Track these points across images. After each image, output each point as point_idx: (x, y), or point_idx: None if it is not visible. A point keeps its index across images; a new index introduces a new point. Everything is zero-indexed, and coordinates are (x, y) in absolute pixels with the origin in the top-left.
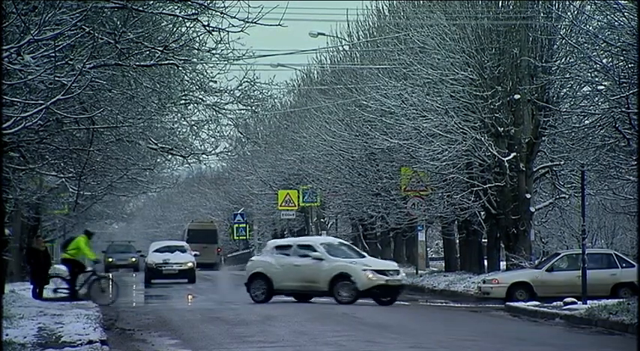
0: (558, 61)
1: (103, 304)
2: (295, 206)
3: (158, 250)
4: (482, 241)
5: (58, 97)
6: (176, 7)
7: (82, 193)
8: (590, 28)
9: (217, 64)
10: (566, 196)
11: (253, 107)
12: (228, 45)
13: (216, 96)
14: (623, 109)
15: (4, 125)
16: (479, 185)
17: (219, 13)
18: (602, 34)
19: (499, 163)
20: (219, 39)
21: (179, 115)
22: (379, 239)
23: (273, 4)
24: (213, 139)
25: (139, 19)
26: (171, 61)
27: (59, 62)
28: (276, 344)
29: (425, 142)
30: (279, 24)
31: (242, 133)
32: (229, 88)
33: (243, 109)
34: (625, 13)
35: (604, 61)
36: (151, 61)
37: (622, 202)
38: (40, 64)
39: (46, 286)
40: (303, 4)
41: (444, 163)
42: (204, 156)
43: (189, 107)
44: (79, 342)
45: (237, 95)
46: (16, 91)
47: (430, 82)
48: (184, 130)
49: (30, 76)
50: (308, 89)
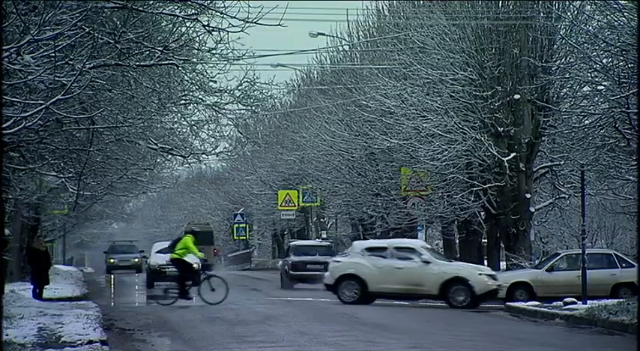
0: (558, 61)
1: (212, 304)
2: (295, 206)
3: (161, 251)
4: (482, 241)
5: (58, 97)
6: (176, 7)
7: (82, 193)
8: (590, 28)
9: (217, 64)
10: (566, 196)
11: (253, 107)
12: (228, 45)
13: (216, 96)
14: (623, 109)
15: (4, 125)
16: (479, 185)
17: (219, 13)
18: (602, 34)
19: (499, 163)
20: (219, 39)
21: (179, 115)
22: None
23: (273, 4)
24: (213, 139)
25: (138, 19)
26: (171, 61)
27: (59, 62)
28: (277, 344)
29: (425, 142)
30: (279, 24)
31: (242, 133)
32: (229, 88)
33: (243, 109)
34: (625, 13)
35: (604, 61)
36: (151, 61)
37: (622, 202)
38: (40, 64)
39: (155, 283)
40: (303, 4)
41: (444, 163)
42: (204, 156)
43: (189, 107)
44: (79, 342)
45: (237, 95)
46: (16, 91)
47: (430, 82)
48: (184, 130)
49: (30, 76)
50: (308, 89)
